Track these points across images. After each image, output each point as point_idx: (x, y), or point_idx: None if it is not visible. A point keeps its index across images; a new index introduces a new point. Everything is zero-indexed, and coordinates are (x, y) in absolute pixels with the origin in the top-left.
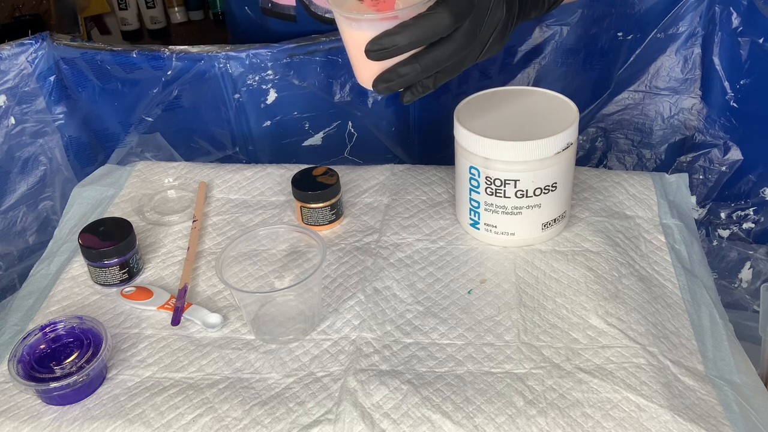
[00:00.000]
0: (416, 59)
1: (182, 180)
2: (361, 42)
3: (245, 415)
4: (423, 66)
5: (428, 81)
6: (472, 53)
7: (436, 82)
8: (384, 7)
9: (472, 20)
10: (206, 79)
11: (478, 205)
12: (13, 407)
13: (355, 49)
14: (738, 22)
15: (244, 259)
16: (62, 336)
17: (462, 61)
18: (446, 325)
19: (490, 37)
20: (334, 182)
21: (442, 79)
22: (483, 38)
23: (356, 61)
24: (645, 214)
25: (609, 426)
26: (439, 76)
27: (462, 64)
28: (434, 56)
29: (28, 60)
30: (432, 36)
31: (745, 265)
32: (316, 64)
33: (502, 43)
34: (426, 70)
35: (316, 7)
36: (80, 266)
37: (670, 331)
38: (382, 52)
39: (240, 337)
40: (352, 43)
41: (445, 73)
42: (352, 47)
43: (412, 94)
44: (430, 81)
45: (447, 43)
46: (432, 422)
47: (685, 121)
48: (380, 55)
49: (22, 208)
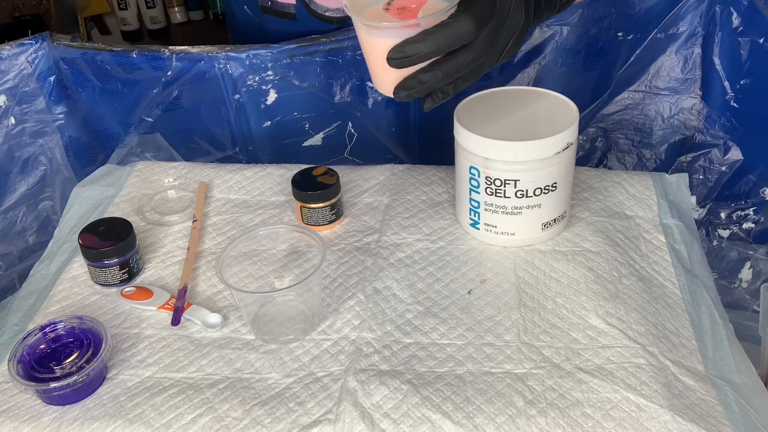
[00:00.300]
0: (437, 66)
1: (182, 180)
2: (381, 49)
3: (245, 415)
4: (444, 73)
5: (448, 87)
6: (491, 58)
7: (455, 88)
8: (407, 16)
9: (492, 26)
10: (206, 80)
11: (478, 205)
12: (13, 407)
13: (376, 57)
14: (738, 22)
15: (244, 259)
16: (62, 336)
17: (481, 66)
18: (446, 325)
19: (509, 41)
20: (334, 182)
21: (461, 84)
22: (502, 43)
23: (376, 68)
24: (645, 214)
25: (609, 426)
26: (458, 82)
27: (481, 69)
28: (455, 63)
29: (28, 60)
30: (454, 44)
31: (745, 265)
32: (316, 65)
33: (519, 46)
34: (447, 77)
35: (316, 6)
36: (80, 266)
37: (670, 331)
38: (405, 60)
39: (240, 337)
40: (372, 50)
41: (465, 78)
42: (372, 54)
43: (433, 100)
44: (450, 87)
45: (468, 50)
46: (432, 422)
47: (685, 121)
48: (403, 63)
49: (22, 208)
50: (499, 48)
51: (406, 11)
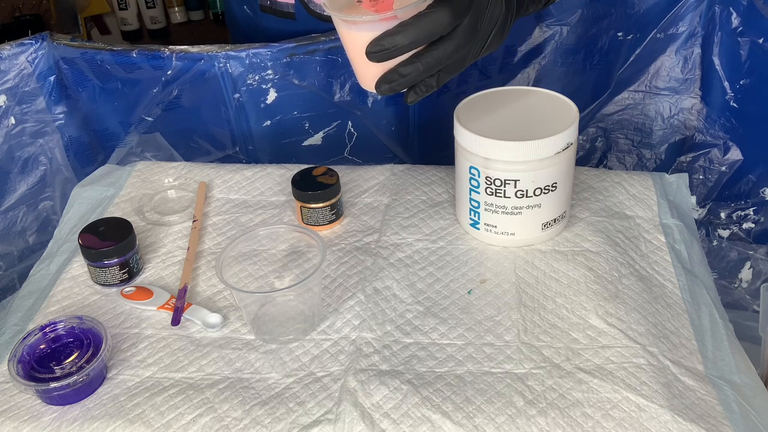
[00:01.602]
0: (418, 58)
1: (182, 180)
2: (360, 44)
3: (245, 415)
4: (425, 65)
5: (431, 80)
6: (473, 50)
7: (439, 80)
8: (382, 8)
9: (471, 17)
10: (206, 79)
11: (478, 205)
12: (13, 407)
13: (355, 52)
14: (738, 22)
15: (244, 259)
16: (62, 336)
17: (464, 58)
18: (446, 325)
19: (491, 33)
20: (334, 182)
21: (444, 77)
22: (483, 34)
23: (357, 63)
24: (645, 214)
25: (609, 426)
26: (441, 75)
27: (464, 61)
28: (435, 55)
29: (28, 60)
30: (432, 35)
31: (745, 265)
32: (315, 64)
33: (502, 38)
34: (428, 69)
35: (315, 5)
36: (80, 266)
37: (670, 331)
38: (383, 53)
39: (240, 337)
40: (352, 45)
41: (448, 71)
42: (352, 49)
43: (416, 93)
44: (433, 80)
45: (448, 41)
46: (432, 422)
47: (685, 121)
48: (381, 57)
49: (22, 208)
50: (481, 39)
51: (380, 3)
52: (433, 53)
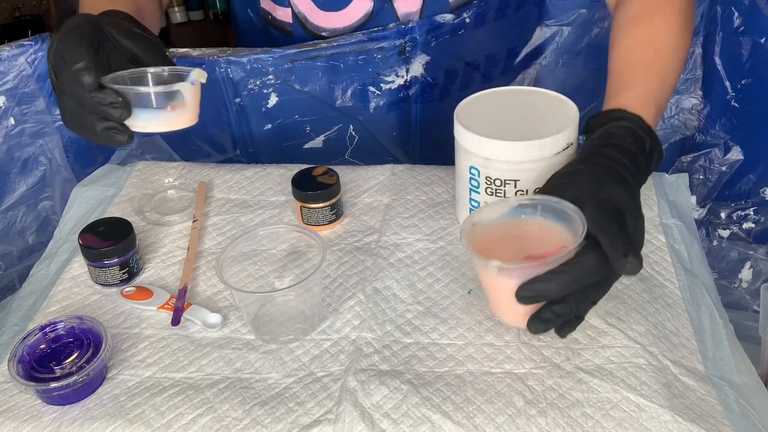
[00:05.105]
0: (571, 298)
1: (182, 180)
2: (509, 288)
3: (245, 415)
4: (576, 303)
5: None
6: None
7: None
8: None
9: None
10: (207, 83)
11: (478, 205)
12: (13, 407)
13: (503, 294)
14: (739, 22)
15: (244, 259)
16: (62, 336)
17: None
18: (446, 325)
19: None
20: (334, 182)
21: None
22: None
23: (502, 303)
24: (645, 214)
25: (609, 426)
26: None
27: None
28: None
29: (27, 61)
30: (582, 282)
31: (745, 265)
32: (317, 69)
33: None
34: (578, 307)
35: (312, 26)
36: (80, 266)
37: (670, 331)
38: (536, 298)
39: (240, 337)
40: (500, 289)
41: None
42: (500, 292)
43: (570, 327)
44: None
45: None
46: (432, 422)
47: (685, 121)
48: (533, 301)
49: (22, 208)
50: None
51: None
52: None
